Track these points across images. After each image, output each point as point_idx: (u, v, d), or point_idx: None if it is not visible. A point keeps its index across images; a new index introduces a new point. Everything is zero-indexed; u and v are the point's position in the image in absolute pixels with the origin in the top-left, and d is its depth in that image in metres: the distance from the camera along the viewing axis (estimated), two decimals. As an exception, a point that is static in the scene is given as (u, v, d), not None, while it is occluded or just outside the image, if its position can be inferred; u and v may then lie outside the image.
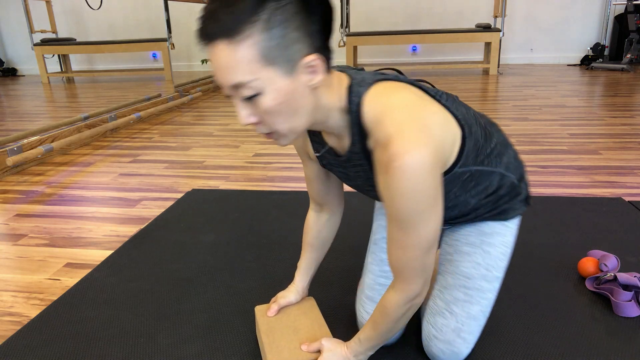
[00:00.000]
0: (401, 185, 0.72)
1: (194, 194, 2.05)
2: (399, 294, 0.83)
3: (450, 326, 0.96)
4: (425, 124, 0.74)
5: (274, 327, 1.02)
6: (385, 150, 0.72)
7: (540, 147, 2.62)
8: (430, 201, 0.74)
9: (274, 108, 0.71)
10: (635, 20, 5.78)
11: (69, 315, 1.21)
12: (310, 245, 1.10)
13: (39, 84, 6.27)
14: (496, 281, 0.99)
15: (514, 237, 1.03)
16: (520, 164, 1.00)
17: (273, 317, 1.05)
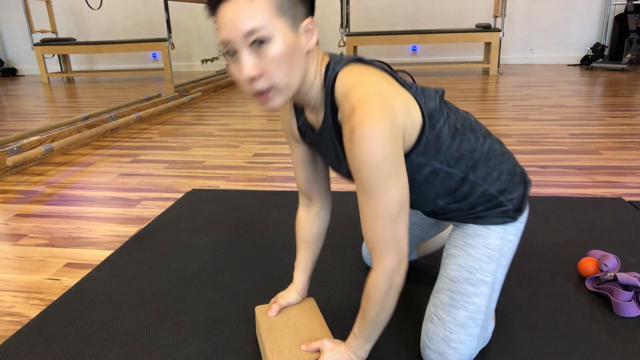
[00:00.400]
0: (362, 152, 0.78)
1: (194, 194, 2.05)
2: (377, 272, 0.85)
3: (439, 334, 0.96)
4: (386, 101, 0.80)
5: (274, 327, 1.02)
6: (349, 121, 0.79)
7: (540, 147, 2.62)
8: (390, 169, 0.79)
9: (279, 57, 0.77)
10: (635, 20, 5.78)
11: (69, 315, 1.21)
12: (305, 242, 1.11)
13: (39, 84, 6.27)
14: (483, 285, 0.96)
15: (506, 241, 0.99)
16: (510, 179, 0.99)
17: (273, 317, 1.06)
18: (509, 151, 1.04)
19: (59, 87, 5.88)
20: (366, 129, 0.77)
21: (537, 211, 1.74)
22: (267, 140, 2.98)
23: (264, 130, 3.29)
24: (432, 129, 0.90)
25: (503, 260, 0.99)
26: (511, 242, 1.00)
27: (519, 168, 1.03)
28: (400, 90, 0.87)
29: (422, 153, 0.90)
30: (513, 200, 0.99)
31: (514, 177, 1.00)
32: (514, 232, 1.01)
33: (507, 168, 0.99)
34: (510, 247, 1.01)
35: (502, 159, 1.00)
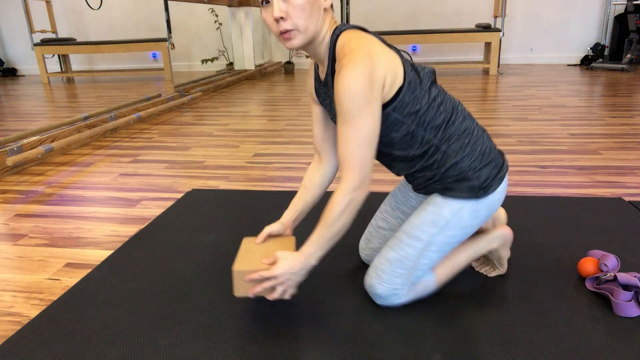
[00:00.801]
0: (343, 84, 0.97)
1: (194, 194, 2.05)
2: (341, 186, 1.02)
3: (374, 264, 1.19)
4: (372, 54, 0.99)
5: (249, 249, 1.19)
6: (340, 64, 1.00)
7: (540, 147, 2.62)
8: (364, 101, 0.98)
9: (302, 5, 0.99)
10: (635, 20, 5.78)
11: (69, 315, 1.21)
12: (304, 187, 1.29)
13: (39, 84, 6.27)
14: (417, 240, 1.14)
15: (457, 216, 1.13)
16: (481, 159, 1.12)
17: (253, 243, 1.22)
18: (488, 137, 1.17)
19: (59, 87, 5.88)
20: (349, 67, 0.97)
21: (537, 211, 1.74)
22: (267, 140, 2.98)
23: (264, 130, 3.29)
24: (411, 92, 1.06)
25: (448, 231, 1.14)
26: (463, 219, 1.13)
27: (494, 152, 1.15)
28: (390, 52, 1.04)
29: (397, 110, 1.06)
30: (481, 178, 1.12)
31: (486, 157, 1.13)
32: (471, 211, 1.13)
33: (480, 148, 1.13)
34: (461, 224, 1.14)
35: (478, 140, 1.13)
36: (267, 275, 1.07)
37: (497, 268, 1.34)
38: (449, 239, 1.15)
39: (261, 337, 1.11)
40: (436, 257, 1.18)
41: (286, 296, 1.10)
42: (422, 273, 1.18)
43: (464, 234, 1.16)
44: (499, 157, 1.16)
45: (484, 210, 1.15)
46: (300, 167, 2.41)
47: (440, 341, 1.07)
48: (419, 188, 1.21)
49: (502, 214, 1.39)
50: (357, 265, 1.41)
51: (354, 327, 1.13)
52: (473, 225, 1.16)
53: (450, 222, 1.14)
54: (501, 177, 1.14)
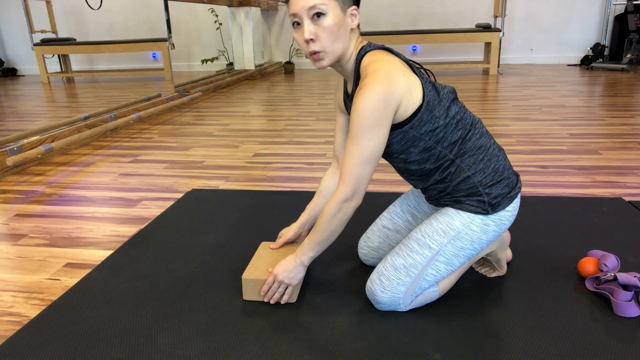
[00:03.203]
0: (358, 103, 1.03)
1: (194, 194, 2.05)
2: (335, 196, 1.10)
3: (378, 269, 1.19)
4: (392, 76, 1.04)
5: (262, 255, 1.32)
6: (360, 85, 1.06)
7: (540, 147, 2.62)
8: (373, 123, 1.04)
9: (330, 28, 1.05)
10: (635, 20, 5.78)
11: (69, 315, 1.21)
12: (319, 192, 1.36)
13: (39, 84, 6.27)
14: (427, 248, 1.15)
15: (467, 229, 1.14)
16: (493, 176, 1.15)
17: (268, 249, 1.35)
18: (505, 157, 1.19)
19: (59, 87, 5.88)
20: (367, 89, 1.02)
21: (537, 211, 1.74)
22: (267, 140, 2.98)
23: (264, 130, 3.29)
24: (429, 111, 1.10)
25: (458, 243, 1.15)
26: (474, 232, 1.14)
27: (508, 171, 1.17)
28: (410, 74, 1.09)
29: (415, 127, 1.10)
30: (491, 195, 1.14)
31: (498, 175, 1.15)
32: (480, 226, 1.15)
33: (493, 165, 1.15)
34: (471, 236, 1.15)
35: (492, 158, 1.16)
36: (269, 279, 1.20)
37: (497, 269, 1.34)
38: (458, 250, 1.15)
39: (261, 337, 1.11)
40: (443, 270, 1.16)
41: (288, 296, 1.22)
42: (427, 285, 1.17)
43: (473, 248, 1.16)
44: (512, 177, 1.18)
45: (494, 226, 1.15)
46: (300, 167, 2.41)
47: (440, 341, 1.07)
48: (431, 199, 1.24)
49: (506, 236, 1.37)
50: (357, 265, 1.41)
51: (354, 327, 1.13)
52: (482, 241, 1.16)
53: (461, 233, 1.14)
54: (512, 196, 1.16)
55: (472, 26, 6.83)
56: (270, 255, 1.32)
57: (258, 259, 1.30)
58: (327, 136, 3.04)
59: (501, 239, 1.29)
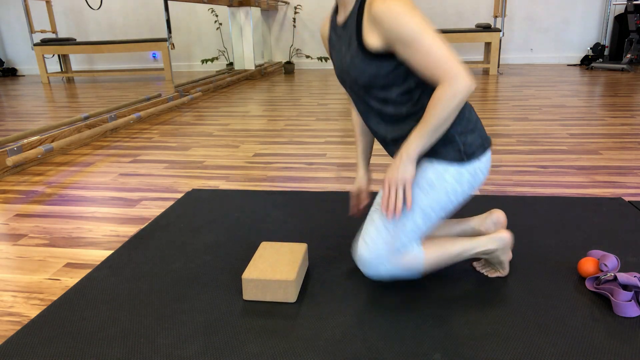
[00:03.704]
0: (396, 10, 1.01)
1: (194, 194, 2.05)
2: (444, 86, 1.04)
3: (362, 230, 1.22)
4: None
5: (262, 255, 1.33)
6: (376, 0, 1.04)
7: (540, 147, 2.62)
8: (422, 19, 1.02)
9: None
10: (635, 20, 5.78)
11: (69, 315, 1.21)
12: (360, 134, 1.38)
13: (39, 84, 6.27)
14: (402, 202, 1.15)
15: (441, 179, 1.16)
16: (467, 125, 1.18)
17: (269, 249, 1.35)
18: (475, 112, 1.24)
19: (59, 87, 5.88)
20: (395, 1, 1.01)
21: (537, 211, 1.74)
22: (267, 140, 2.98)
23: (264, 130, 3.29)
24: None
25: (433, 193, 1.16)
26: (448, 183, 1.16)
27: (480, 124, 1.22)
28: None
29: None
30: (467, 143, 1.17)
31: (472, 125, 1.19)
32: (455, 176, 1.17)
33: (467, 115, 1.19)
34: (445, 187, 1.16)
35: (464, 108, 1.19)
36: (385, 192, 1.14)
37: (498, 270, 1.34)
38: (433, 203, 1.17)
39: (261, 337, 1.11)
40: (421, 223, 1.18)
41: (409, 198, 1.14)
42: (406, 239, 1.18)
43: (449, 200, 1.18)
44: (483, 131, 1.22)
45: (468, 176, 1.18)
46: (300, 167, 2.41)
47: (440, 341, 1.07)
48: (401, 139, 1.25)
49: (502, 217, 1.38)
50: (355, 266, 1.41)
51: (354, 327, 1.13)
52: (457, 192, 1.18)
53: (435, 184, 1.17)
54: (485, 147, 1.20)
55: (472, 26, 6.82)
56: (271, 255, 1.32)
57: (258, 259, 1.31)
58: (327, 136, 3.04)
59: (504, 241, 1.28)
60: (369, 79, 1.14)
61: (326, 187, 2.10)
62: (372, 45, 1.10)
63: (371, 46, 1.10)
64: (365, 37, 1.10)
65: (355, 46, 1.12)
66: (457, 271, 1.36)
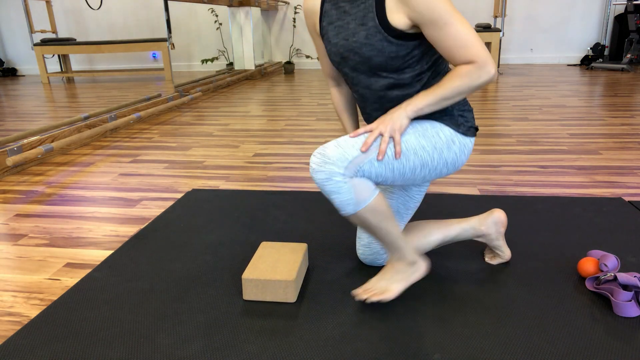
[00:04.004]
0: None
1: (194, 194, 2.05)
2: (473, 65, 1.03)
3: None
4: None
5: (262, 255, 1.33)
6: None
7: (540, 147, 2.62)
8: (451, 3, 1.02)
9: None
10: (635, 20, 5.77)
11: (69, 315, 1.21)
12: (346, 110, 1.36)
13: (39, 84, 6.27)
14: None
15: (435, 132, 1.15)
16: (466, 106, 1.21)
17: (269, 249, 1.35)
18: None
19: (59, 87, 5.88)
20: None
21: (537, 211, 1.74)
22: (267, 140, 2.98)
23: (264, 130, 3.29)
24: None
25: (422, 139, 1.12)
26: (440, 139, 1.14)
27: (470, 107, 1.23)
28: None
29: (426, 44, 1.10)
30: (464, 119, 1.18)
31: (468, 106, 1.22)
32: (448, 137, 1.15)
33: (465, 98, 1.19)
34: (435, 141, 1.14)
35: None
36: (367, 128, 1.10)
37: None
38: (418, 147, 1.12)
39: (261, 337, 1.11)
40: (394, 160, 1.09)
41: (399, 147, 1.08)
42: (368, 167, 1.07)
43: (430, 155, 1.13)
44: (473, 116, 1.23)
45: (457, 147, 1.17)
46: (300, 167, 2.41)
47: (440, 341, 1.07)
48: None
49: (502, 216, 1.37)
50: (357, 265, 1.41)
51: (354, 327, 1.13)
52: (442, 154, 1.15)
53: (428, 132, 1.14)
54: (474, 130, 1.21)
55: (472, 26, 6.82)
56: (270, 255, 1.32)
57: (258, 259, 1.31)
58: (327, 136, 3.04)
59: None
60: (386, 59, 1.10)
61: (326, 187, 2.10)
62: (396, 24, 1.06)
63: (395, 25, 1.06)
64: (389, 15, 1.06)
65: (374, 24, 1.08)
66: (457, 271, 1.36)
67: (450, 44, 1.03)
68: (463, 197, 1.91)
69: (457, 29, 1.02)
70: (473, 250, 1.47)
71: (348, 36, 1.13)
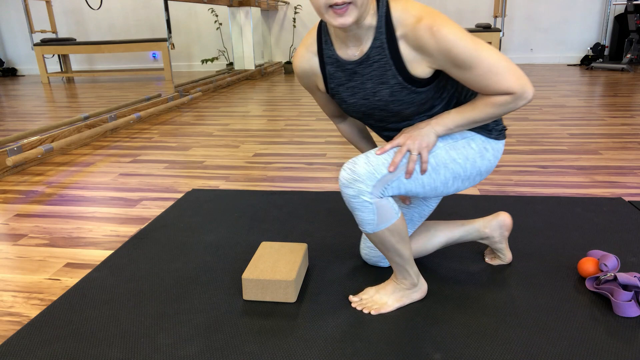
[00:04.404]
0: (449, 36, 0.97)
1: (194, 194, 2.05)
2: (510, 96, 1.00)
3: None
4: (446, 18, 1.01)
5: (262, 255, 1.32)
6: (418, 25, 0.99)
7: (540, 147, 2.62)
8: (471, 37, 0.99)
9: None
10: (635, 20, 5.77)
11: (69, 315, 1.21)
12: (361, 140, 1.34)
13: (39, 84, 6.27)
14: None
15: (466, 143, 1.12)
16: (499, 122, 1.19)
17: (269, 249, 1.35)
18: None
19: (59, 87, 5.88)
20: (442, 23, 0.97)
21: (537, 211, 1.74)
22: (267, 140, 2.98)
23: (264, 130, 3.29)
24: None
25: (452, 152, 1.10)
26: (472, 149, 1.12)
27: None
28: None
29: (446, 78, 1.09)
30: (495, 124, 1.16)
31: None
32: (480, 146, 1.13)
33: None
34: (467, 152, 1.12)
35: None
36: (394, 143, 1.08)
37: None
38: (449, 161, 1.10)
39: (261, 337, 1.11)
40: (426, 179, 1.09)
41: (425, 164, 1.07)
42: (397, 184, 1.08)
43: (463, 166, 1.12)
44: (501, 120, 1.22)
45: (490, 154, 1.14)
46: (300, 167, 2.41)
47: (440, 341, 1.07)
48: None
49: (508, 219, 1.36)
50: (357, 265, 1.41)
51: (354, 327, 1.13)
52: (475, 164, 1.13)
53: (457, 143, 1.11)
54: (504, 133, 1.18)
55: (472, 26, 6.82)
56: (270, 255, 1.32)
57: (258, 259, 1.31)
58: (327, 136, 3.04)
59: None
60: (417, 107, 1.09)
61: (326, 187, 2.10)
62: (420, 74, 1.04)
63: (419, 76, 1.04)
64: (410, 67, 1.04)
65: (397, 80, 1.05)
66: (457, 271, 1.36)
67: (482, 84, 1.00)
68: (463, 197, 1.91)
69: (485, 66, 0.98)
70: (473, 250, 1.47)
71: (368, 95, 1.10)
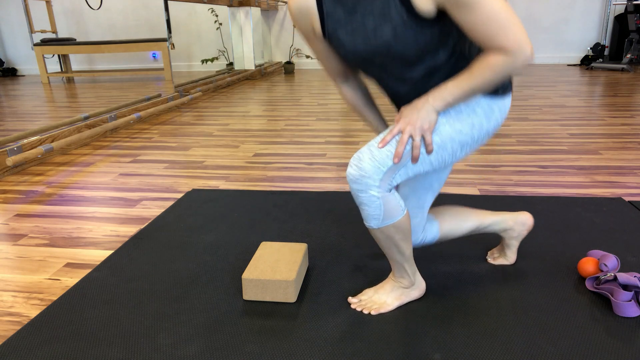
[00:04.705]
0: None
1: (194, 194, 2.05)
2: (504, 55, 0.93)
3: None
4: None
5: (262, 256, 1.33)
6: None
7: (540, 147, 2.62)
8: None
9: None
10: (635, 20, 5.78)
11: (69, 315, 1.21)
12: (365, 106, 1.25)
13: (39, 84, 6.27)
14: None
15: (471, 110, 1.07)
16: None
17: (269, 249, 1.36)
18: None
19: (59, 87, 5.88)
20: None
21: (537, 211, 1.74)
22: (267, 140, 2.98)
23: (264, 130, 3.29)
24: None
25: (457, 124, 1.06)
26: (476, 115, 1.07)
27: None
28: None
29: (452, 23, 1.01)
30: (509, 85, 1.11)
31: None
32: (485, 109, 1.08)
33: None
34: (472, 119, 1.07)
35: None
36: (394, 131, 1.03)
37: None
38: (455, 134, 1.06)
39: (261, 337, 1.11)
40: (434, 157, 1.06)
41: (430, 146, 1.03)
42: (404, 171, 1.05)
43: (471, 135, 1.07)
44: None
45: (497, 112, 1.09)
46: (300, 167, 2.41)
47: (440, 341, 1.07)
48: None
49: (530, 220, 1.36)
50: (357, 265, 1.41)
51: (354, 327, 1.13)
52: (482, 128, 1.08)
53: (463, 114, 1.06)
54: (511, 87, 1.12)
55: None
56: (270, 255, 1.32)
57: (258, 259, 1.31)
58: (327, 136, 3.04)
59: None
60: (421, 49, 1.01)
61: (326, 187, 2.10)
62: (424, 10, 0.96)
63: (424, 11, 0.97)
64: (415, 2, 0.96)
65: (401, 17, 0.98)
66: (457, 271, 1.36)
67: (479, 28, 0.93)
68: (463, 197, 1.91)
69: (486, 11, 0.91)
70: (473, 250, 1.47)
71: (368, 38, 1.03)
